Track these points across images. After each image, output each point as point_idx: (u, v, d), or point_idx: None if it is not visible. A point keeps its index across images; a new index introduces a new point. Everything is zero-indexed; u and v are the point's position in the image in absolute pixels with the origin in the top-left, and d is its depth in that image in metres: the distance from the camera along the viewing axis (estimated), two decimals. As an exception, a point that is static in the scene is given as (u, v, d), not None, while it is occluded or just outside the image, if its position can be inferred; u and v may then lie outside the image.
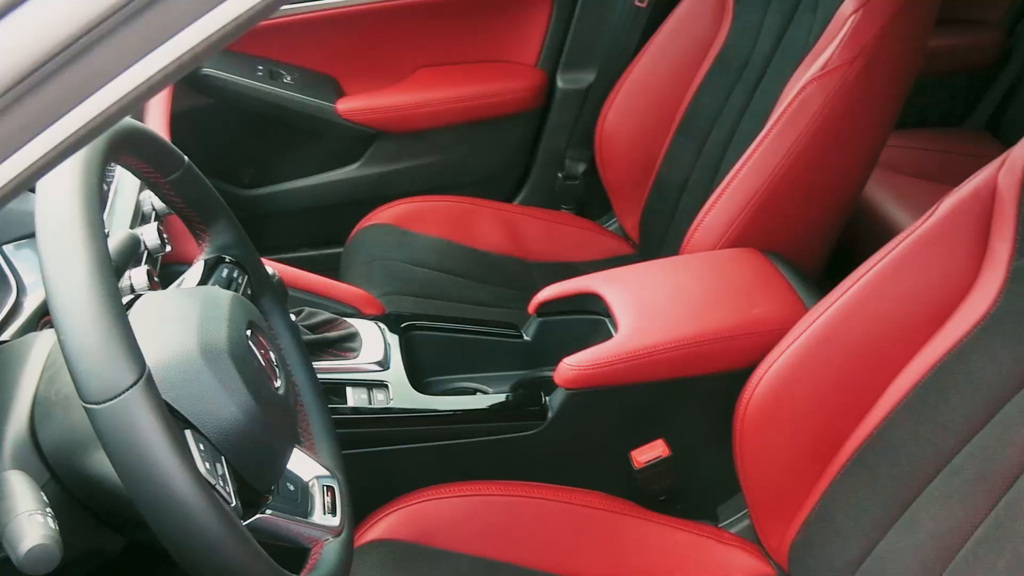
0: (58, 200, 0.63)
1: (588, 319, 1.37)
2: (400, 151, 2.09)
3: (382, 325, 1.37)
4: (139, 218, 1.19)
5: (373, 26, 2.04)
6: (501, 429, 1.27)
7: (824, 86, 1.40)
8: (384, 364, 1.29)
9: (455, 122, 2.09)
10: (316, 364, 1.23)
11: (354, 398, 1.24)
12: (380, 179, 2.11)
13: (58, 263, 0.61)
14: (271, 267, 1.35)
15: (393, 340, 1.34)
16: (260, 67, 1.99)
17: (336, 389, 1.25)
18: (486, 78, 2.10)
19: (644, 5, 1.95)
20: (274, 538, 0.80)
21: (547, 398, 1.28)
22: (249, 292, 0.95)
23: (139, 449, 0.60)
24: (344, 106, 2.01)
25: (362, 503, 1.18)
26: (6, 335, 0.88)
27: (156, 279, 1.08)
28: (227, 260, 0.94)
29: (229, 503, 0.67)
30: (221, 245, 0.94)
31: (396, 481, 1.23)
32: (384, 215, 1.87)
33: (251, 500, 0.78)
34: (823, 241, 1.53)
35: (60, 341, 0.60)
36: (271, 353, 0.81)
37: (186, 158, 0.87)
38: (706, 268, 1.39)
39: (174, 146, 0.86)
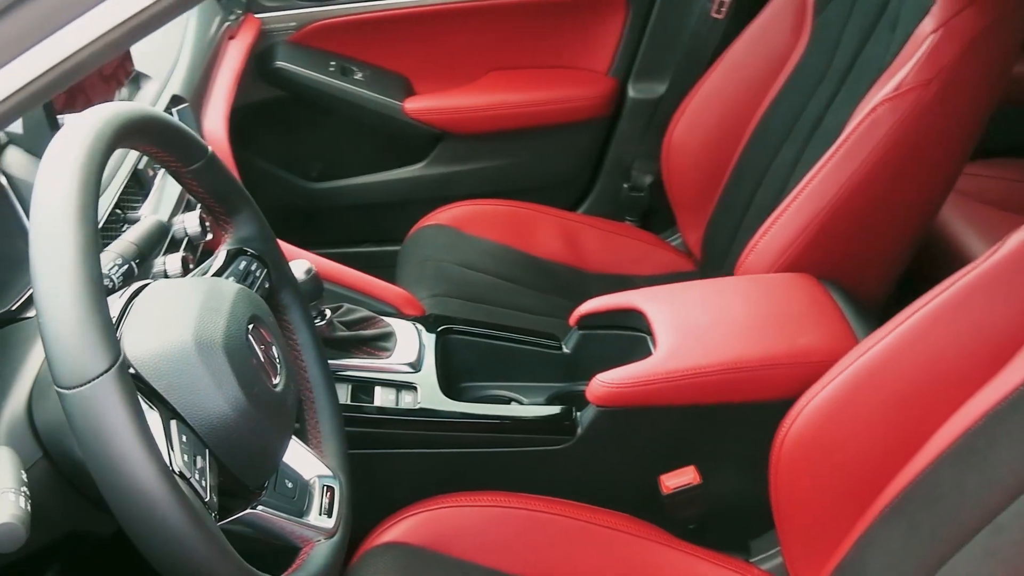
0: (54, 185, 0.63)
1: (629, 335, 1.32)
2: (465, 153, 2.08)
3: (420, 326, 1.35)
4: (183, 204, 1.20)
5: (447, 27, 2.04)
6: (528, 441, 1.24)
7: (895, 108, 1.33)
8: (416, 366, 1.28)
9: (523, 126, 2.08)
10: (348, 361, 1.24)
11: (382, 398, 1.23)
12: (444, 179, 2.10)
13: (44, 247, 0.61)
14: (311, 261, 1.35)
15: (429, 342, 1.33)
16: (332, 63, 2.01)
17: (365, 387, 1.24)
18: (557, 83, 2.08)
19: (721, 16, 1.89)
20: (265, 534, 0.79)
21: (578, 413, 1.24)
22: (267, 286, 0.94)
23: (105, 437, 0.59)
24: (412, 105, 2.02)
25: (381, 504, 1.17)
26: (31, 313, 0.89)
27: (192, 266, 1.09)
28: (248, 252, 0.93)
29: (203, 498, 0.66)
30: (242, 237, 0.93)
31: (417, 485, 1.22)
32: (443, 216, 1.86)
33: (241, 495, 0.77)
34: (886, 270, 1.45)
35: (39, 324, 0.59)
36: (274, 349, 0.80)
37: (210, 149, 0.87)
38: (756, 292, 1.33)
39: (198, 137, 0.85)
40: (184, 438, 0.69)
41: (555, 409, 1.26)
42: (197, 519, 0.62)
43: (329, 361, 1.22)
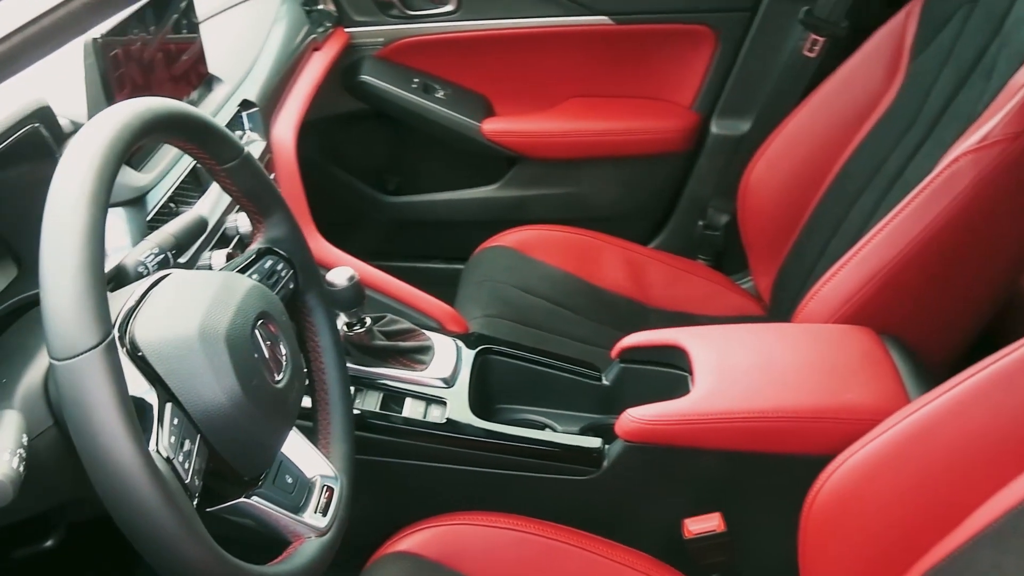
0: (71, 171, 0.68)
1: (670, 373, 1.31)
2: (540, 177, 2.11)
3: (460, 344, 1.37)
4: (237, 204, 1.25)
5: (531, 50, 2.07)
6: (552, 468, 1.24)
7: (978, 161, 1.28)
8: (449, 382, 1.29)
9: (600, 155, 2.09)
10: (382, 370, 1.26)
11: (410, 409, 1.25)
12: (516, 202, 2.13)
13: (53, 229, 0.66)
14: (361, 270, 1.39)
15: (467, 360, 1.34)
16: (416, 79, 2.06)
17: (397, 398, 1.27)
18: (638, 114, 2.09)
19: (814, 55, 1.87)
20: (257, 524, 0.82)
21: (607, 446, 1.23)
22: (291, 287, 0.98)
23: (86, 408, 0.63)
24: (489, 126, 2.05)
25: (400, 513, 1.19)
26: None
27: None
28: (276, 253, 0.97)
29: (182, 479, 0.69)
30: (272, 238, 0.97)
31: (437, 498, 1.23)
32: (508, 238, 1.88)
33: (236, 483, 0.80)
34: (957, 330, 1.40)
35: (40, 299, 0.64)
36: (282, 346, 0.83)
37: (245, 149, 0.91)
38: (807, 341, 1.30)
39: (233, 137, 0.90)
40: (176, 421, 0.72)
41: (583, 439, 1.25)
42: (168, 496, 0.65)
43: (364, 368, 1.26)
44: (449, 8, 2.01)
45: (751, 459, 1.18)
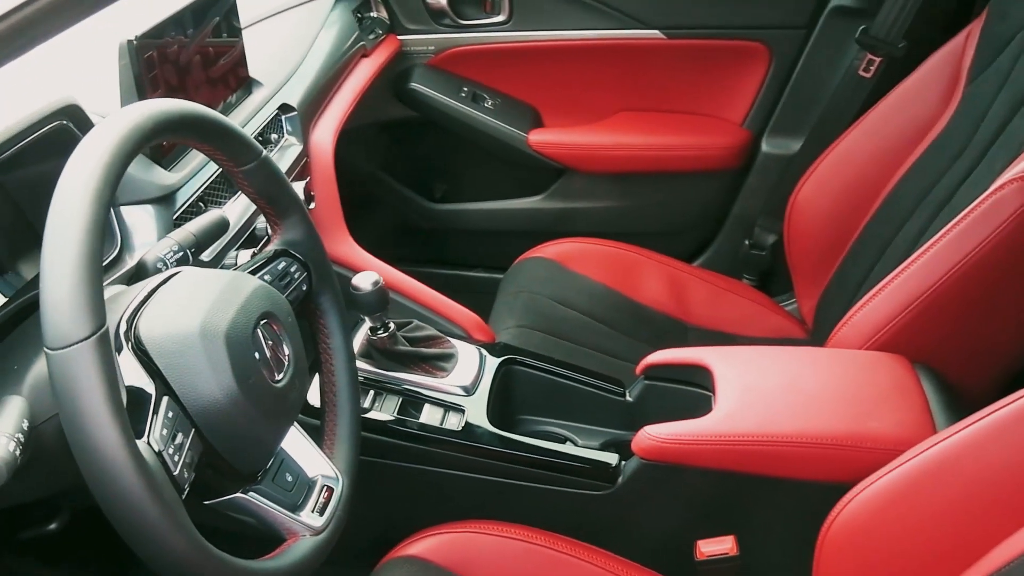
0: (78, 168, 0.71)
1: (694, 392, 1.31)
2: (586, 190, 2.11)
3: (485, 352, 1.39)
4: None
5: (582, 62, 2.08)
6: (566, 482, 1.24)
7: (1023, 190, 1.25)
8: (469, 390, 1.31)
9: (647, 170, 2.09)
10: (403, 375, 1.28)
11: (428, 416, 1.27)
12: (561, 214, 2.14)
13: (55, 223, 0.69)
14: (393, 276, 1.42)
15: (490, 369, 1.36)
16: (465, 88, 2.09)
17: (416, 403, 1.29)
18: (687, 130, 2.08)
19: (869, 75, 1.84)
20: (252, 518, 0.84)
21: (623, 463, 1.23)
22: (304, 288, 1.00)
23: (76, 398, 0.65)
24: (536, 138, 2.07)
25: (412, 518, 1.21)
26: (104, 284, 0.98)
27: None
28: (291, 255, 0.99)
29: (170, 471, 0.71)
30: (288, 240, 1.00)
31: (450, 505, 1.25)
32: (549, 250, 1.89)
33: (233, 478, 0.83)
34: (997, 361, 1.36)
35: (39, 289, 0.67)
36: (285, 347, 0.85)
37: (264, 152, 0.94)
38: (836, 367, 1.28)
39: (251, 140, 0.92)
40: (171, 414, 0.74)
41: (599, 454, 1.26)
42: (151, 486, 0.67)
43: (385, 373, 1.29)
44: (501, 18, 2.04)
45: (768, 483, 1.17)
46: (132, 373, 0.75)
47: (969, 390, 1.32)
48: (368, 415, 1.25)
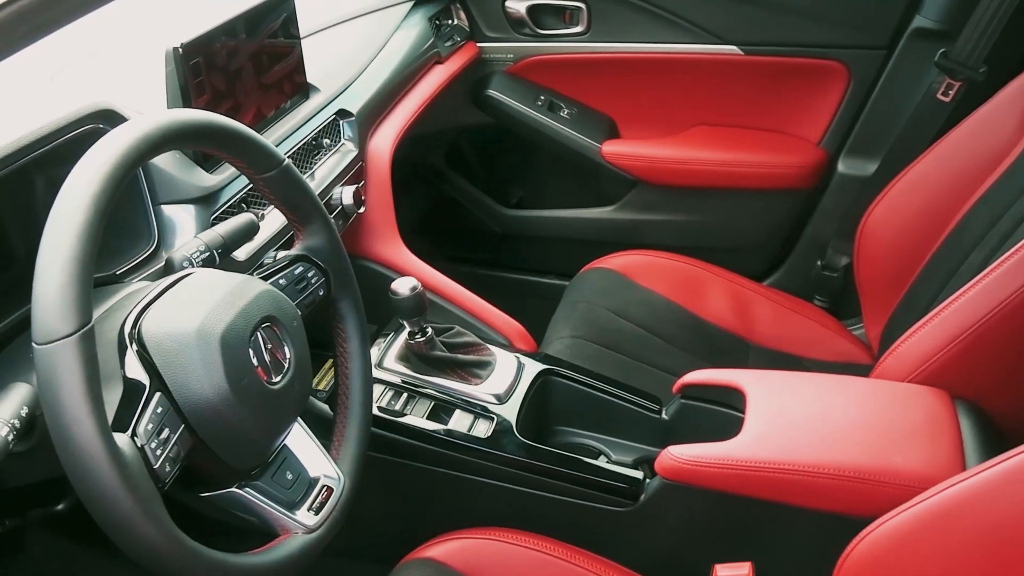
0: (83, 172, 0.75)
1: (727, 414, 1.29)
2: (658, 203, 2.10)
3: (523, 362, 1.39)
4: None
5: (660, 75, 2.07)
6: (589, 496, 1.25)
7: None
8: (502, 399, 1.32)
9: (721, 186, 2.06)
10: (437, 380, 1.30)
11: (457, 421, 1.29)
12: (631, 226, 2.13)
13: (53, 223, 0.73)
14: (431, 280, 1.43)
15: (527, 379, 1.36)
16: (542, 97, 2.10)
17: (447, 408, 1.31)
18: (764, 147, 2.04)
19: (948, 99, 1.77)
20: (246, 513, 0.87)
21: (648, 481, 1.22)
22: (321, 294, 1.03)
23: (56, 392, 0.69)
24: (609, 148, 2.06)
25: (434, 521, 1.23)
26: (134, 279, 1.04)
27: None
28: (312, 260, 1.02)
29: (151, 463, 0.75)
30: (309, 246, 1.03)
31: (471, 510, 1.26)
32: (614, 261, 1.88)
33: (227, 473, 0.86)
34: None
35: (33, 286, 0.71)
36: (286, 350, 0.88)
37: (286, 160, 0.97)
38: (871, 398, 1.24)
39: (272, 148, 0.96)
40: (160, 410, 0.78)
41: (624, 470, 1.25)
42: (126, 478, 0.70)
43: (419, 376, 1.31)
44: (579, 29, 2.04)
45: (787, 512, 1.15)
46: (132, 366, 0.79)
47: (1013, 429, 1.25)
48: (399, 418, 1.28)
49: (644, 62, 2.05)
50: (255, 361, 0.84)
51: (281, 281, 0.98)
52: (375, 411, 1.29)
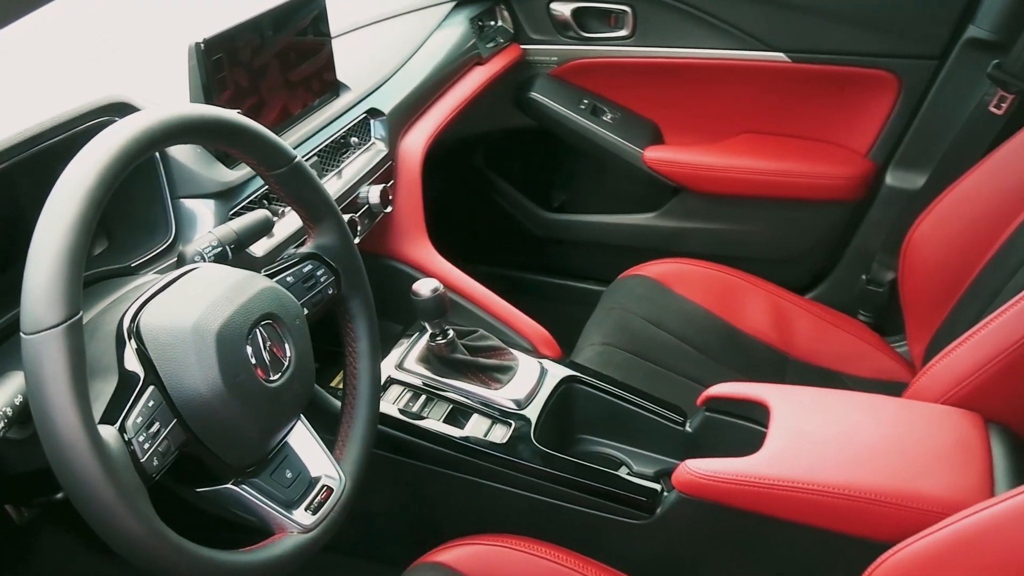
0: (79, 165, 0.75)
1: (751, 428, 1.26)
2: (700, 210, 2.06)
3: (546, 369, 1.37)
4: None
5: (705, 81, 2.03)
6: (604, 507, 1.23)
7: None
8: (522, 404, 1.31)
9: (766, 195, 2.01)
10: (456, 383, 1.29)
11: (474, 426, 1.27)
12: (672, 233, 2.10)
13: (46, 214, 0.73)
14: (451, 282, 1.42)
15: (548, 386, 1.35)
16: (585, 100, 2.08)
17: (464, 412, 1.30)
18: (810, 157, 1.99)
19: (1000, 112, 1.71)
20: (241, 510, 0.87)
21: (665, 494, 1.20)
22: (331, 292, 1.02)
23: (41, 382, 0.69)
24: (652, 154, 2.04)
25: (448, 525, 1.22)
26: (149, 271, 1.05)
27: None
28: (322, 258, 1.02)
29: (137, 456, 0.75)
30: (320, 244, 1.03)
31: (485, 516, 1.25)
32: (652, 268, 1.85)
33: (227, 469, 0.86)
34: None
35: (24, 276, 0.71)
36: (287, 347, 0.88)
37: (298, 157, 0.96)
38: (900, 418, 1.20)
39: (284, 145, 0.95)
40: (152, 403, 0.78)
41: (641, 482, 1.22)
42: (108, 470, 0.70)
43: (438, 379, 1.30)
44: (624, 33, 2.02)
45: (804, 532, 1.11)
46: (129, 359, 0.79)
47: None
48: (415, 421, 1.27)
49: (689, 67, 2.01)
50: (253, 358, 0.84)
51: (289, 279, 0.98)
52: (393, 412, 1.29)
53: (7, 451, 0.82)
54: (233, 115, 0.89)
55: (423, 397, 1.31)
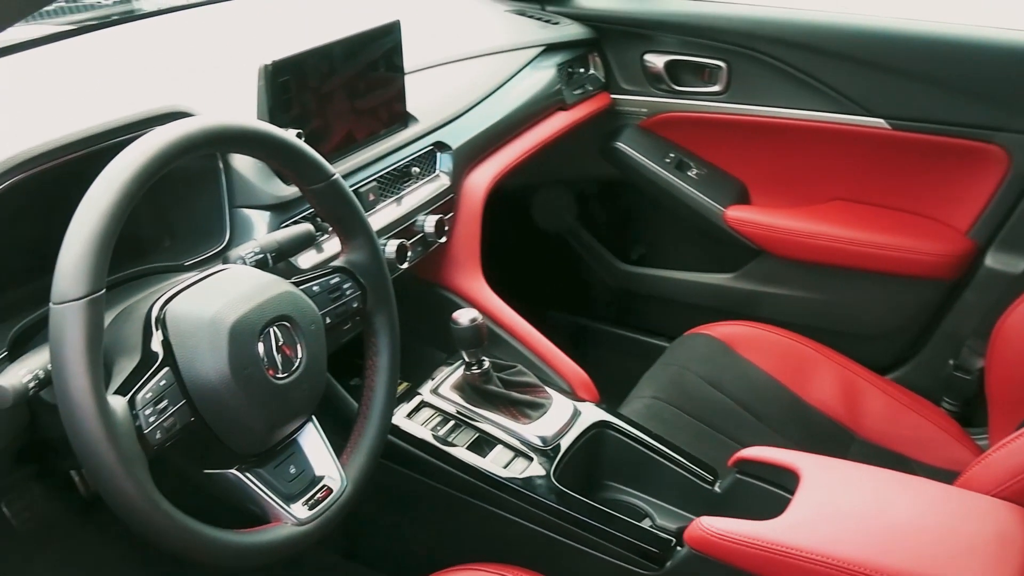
0: (122, 162, 0.86)
1: (780, 495, 1.26)
2: (780, 275, 2.08)
3: (581, 410, 1.43)
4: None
5: (798, 143, 2.05)
6: (614, 553, 1.25)
7: None
8: (547, 442, 1.36)
9: (852, 266, 2.01)
10: (486, 414, 1.36)
11: (496, 457, 1.34)
12: (749, 296, 2.11)
13: (85, 202, 0.84)
14: (497, 316, 1.49)
15: (578, 428, 1.40)
16: (672, 154, 2.14)
17: (490, 442, 1.36)
18: (905, 230, 1.98)
19: (1112, 197, 1.67)
20: (242, 496, 0.96)
21: (678, 548, 1.23)
22: (355, 306, 1.11)
23: (60, 348, 0.80)
24: (733, 214, 2.07)
25: (455, 549, 1.29)
26: (194, 271, 1.16)
27: None
28: (350, 273, 1.11)
29: (141, 428, 0.85)
30: (350, 260, 1.13)
31: (494, 545, 1.30)
32: (720, 329, 1.87)
33: (232, 455, 0.95)
34: None
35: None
36: (300, 350, 0.97)
37: (335, 175, 1.07)
38: (939, 503, 1.19)
39: (323, 162, 1.06)
40: (164, 382, 0.88)
41: (654, 532, 1.25)
42: (111, 434, 0.81)
43: (468, 407, 1.37)
44: (717, 88, 2.06)
45: (815, 607, 1.11)
46: (152, 341, 0.90)
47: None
48: (439, 444, 1.34)
49: (782, 128, 2.04)
50: (263, 355, 0.94)
51: (315, 288, 1.08)
52: (424, 435, 1.37)
53: (41, 412, 0.94)
54: (273, 130, 1.00)
55: (451, 423, 1.38)
